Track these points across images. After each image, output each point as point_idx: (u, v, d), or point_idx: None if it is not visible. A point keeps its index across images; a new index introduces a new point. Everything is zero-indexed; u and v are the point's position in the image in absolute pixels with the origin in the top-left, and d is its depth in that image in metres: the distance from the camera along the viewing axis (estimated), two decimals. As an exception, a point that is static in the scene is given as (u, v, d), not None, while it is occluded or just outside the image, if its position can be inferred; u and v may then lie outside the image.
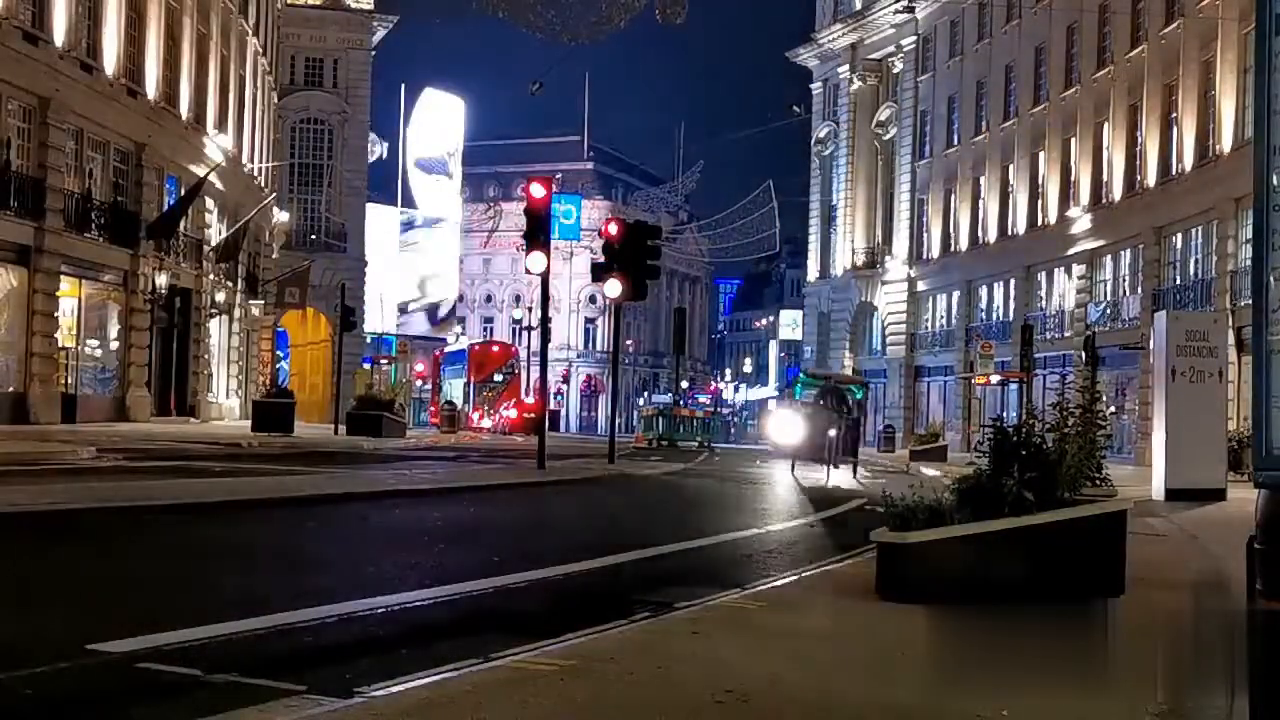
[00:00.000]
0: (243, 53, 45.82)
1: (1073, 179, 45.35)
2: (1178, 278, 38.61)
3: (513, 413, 57.61)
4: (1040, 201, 47.93)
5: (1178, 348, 16.87)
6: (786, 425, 34.31)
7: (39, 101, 29.34)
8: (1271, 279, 3.98)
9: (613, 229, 22.88)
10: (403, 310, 78.52)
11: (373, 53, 66.10)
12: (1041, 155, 47.85)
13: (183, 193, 36.91)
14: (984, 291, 53.24)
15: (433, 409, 65.86)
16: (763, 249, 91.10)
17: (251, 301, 47.35)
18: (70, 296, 31.76)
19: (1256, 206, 4.04)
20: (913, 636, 6.31)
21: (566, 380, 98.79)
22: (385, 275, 72.92)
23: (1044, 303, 48.20)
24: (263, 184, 49.32)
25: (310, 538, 10.66)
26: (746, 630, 6.21)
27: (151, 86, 35.31)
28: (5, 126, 28.42)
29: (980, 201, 53.05)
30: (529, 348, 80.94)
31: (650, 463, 27.59)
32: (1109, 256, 43.48)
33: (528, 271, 22.41)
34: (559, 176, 71.61)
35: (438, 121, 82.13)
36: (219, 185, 39.82)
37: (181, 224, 36.67)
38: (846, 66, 65.01)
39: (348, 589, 7.29)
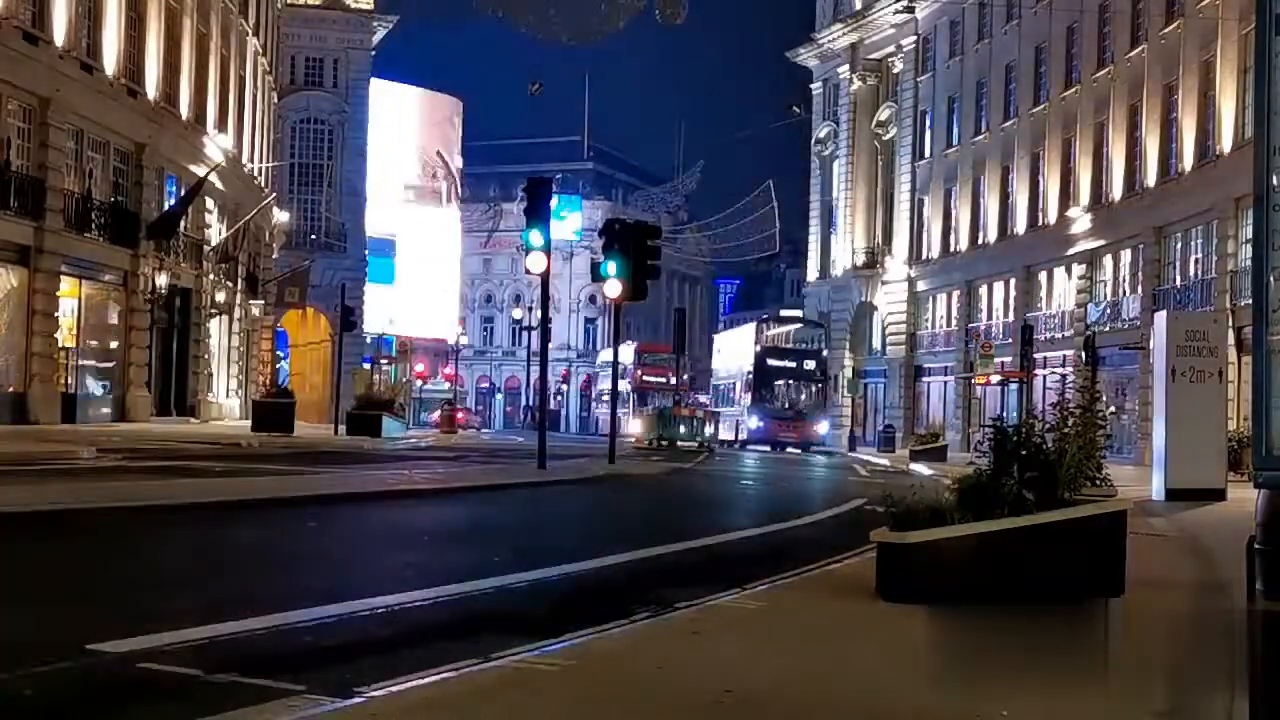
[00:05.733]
0: (243, 53, 45.82)
1: (1073, 179, 45.33)
2: (1178, 278, 38.60)
3: None
4: (1040, 201, 47.91)
5: (1178, 348, 16.86)
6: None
7: (39, 101, 29.32)
8: (1271, 279, 3.98)
9: (613, 229, 22.90)
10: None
11: (373, 53, 66.09)
12: (1041, 155, 47.83)
13: (183, 193, 36.91)
14: (984, 291, 53.23)
15: None
16: (763, 249, 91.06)
17: (251, 301, 47.34)
18: (70, 296, 31.74)
19: (1256, 206, 4.04)
20: (913, 636, 6.31)
21: (566, 380, 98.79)
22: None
23: (1044, 303, 48.17)
24: (263, 184, 49.31)
25: (311, 538, 10.66)
26: (746, 630, 6.20)
27: (151, 86, 35.31)
28: (5, 126, 28.41)
29: (980, 201, 53.04)
30: (529, 348, 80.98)
31: (650, 463, 27.58)
32: (1109, 256, 43.47)
33: (528, 271, 22.42)
34: (559, 176, 71.61)
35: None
36: (219, 185, 39.82)
37: (181, 224, 36.66)
38: (846, 66, 64.99)
39: (348, 589, 7.29)
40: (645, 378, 65.01)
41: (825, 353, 55.72)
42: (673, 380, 60.59)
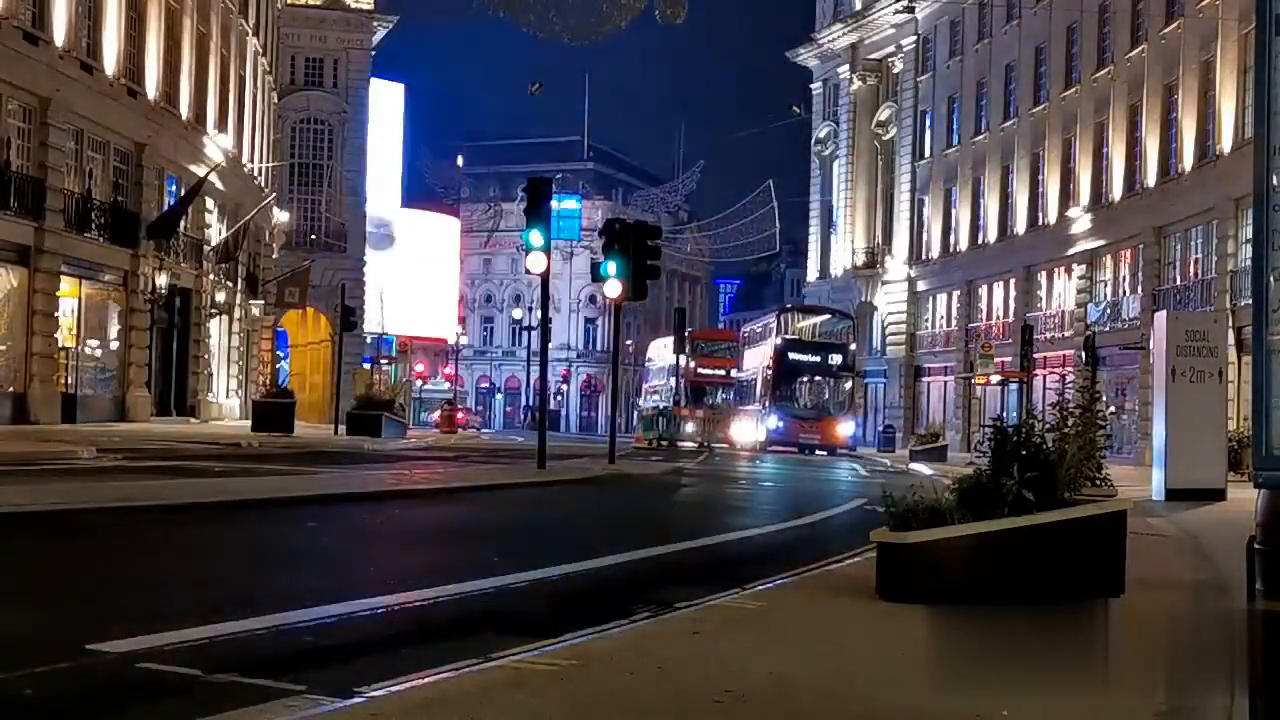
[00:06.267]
0: (243, 53, 45.83)
1: (1073, 179, 45.36)
2: (1178, 278, 38.62)
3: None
4: (1040, 201, 47.94)
5: (1178, 348, 16.86)
6: None
7: (39, 101, 29.33)
8: (1271, 279, 3.98)
9: (613, 229, 22.89)
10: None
11: (373, 53, 66.09)
12: (1041, 155, 47.86)
13: (183, 193, 36.92)
14: (984, 291, 53.25)
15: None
16: (763, 249, 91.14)
17: (251, 301, 47.34)
18: (70, 296, 31.76)
19: (1256, 206, 4.04)
20: (913, 636, 6.31)
21: (566, 380, 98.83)
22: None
23: (1044, 303, 48.20)
24: (263, 184, 49.31)
25: (310, 538, 10.66)
26: (746, 630, 6.20)
27: (151, 86, 35.31)
28: (5, 126, 28.41)
29: (980, 201, 53.06)
30: (529, 348, 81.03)
31: (650, 463, 27.59)
32: (1109, 256, 43.50)
33: (528, 271, 22.42)
34: (559, 176, 71.52)
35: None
36: (219, 185, 39.82)
37: (181, 224, 36.67)
38: (846, 66, 65.02)
39: (348, 589, 7.29)
40: (700, 370, 55.46)
41: (853, 346, 50.54)
42: (734, 373, 54.48)
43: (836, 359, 48.16)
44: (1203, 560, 10.05)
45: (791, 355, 47.77)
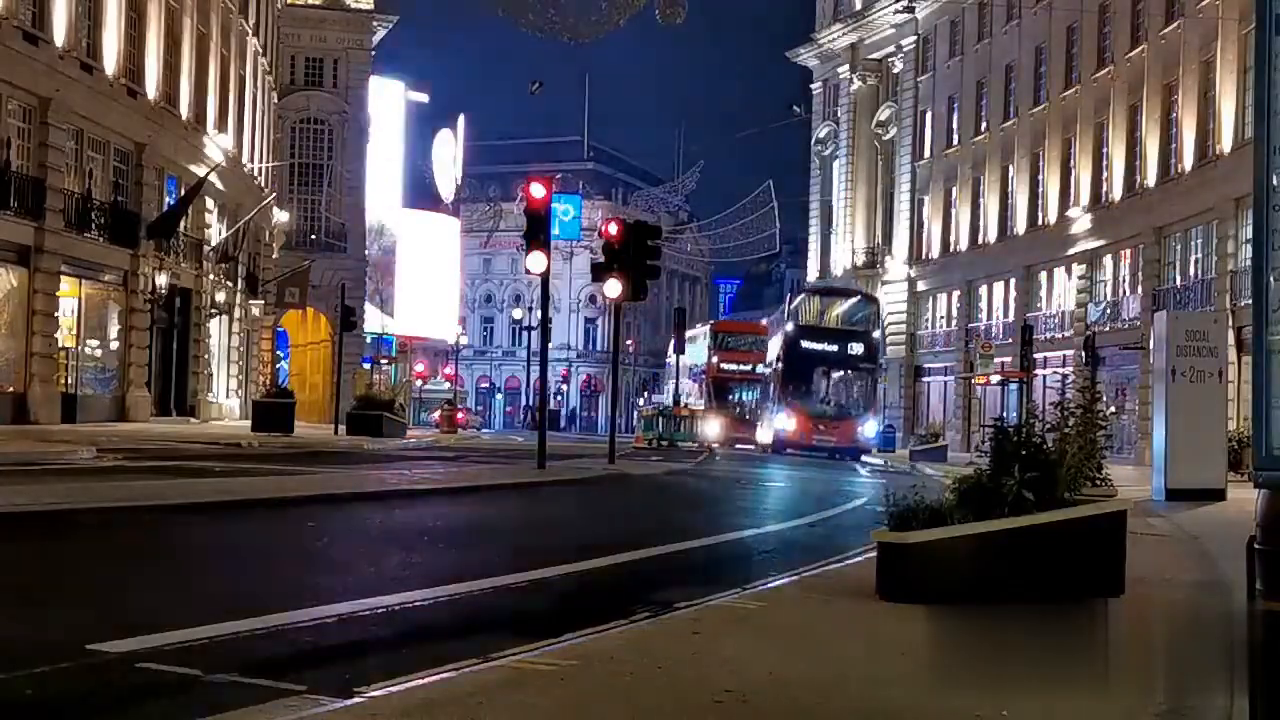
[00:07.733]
0: (243, 53, 45.81)
1: (1073, 179, 45.35)
2: (1178, 278, 38.61)
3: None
4: (1040, 201, 47.93)
5: (1178, 348, 16.86)
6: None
7: (39, 101, 29.32)
8: (1271, 279, 3.98)
9: (612, 229, 22.87)
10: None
11: (373, 53, 66.07)
12: (1041, 155, 47.85)
13: (183, 193, 36.91)
14: (984, 291, 53.24)
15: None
16: (763, 249, 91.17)
17: (251, 301, 47.33)
18: (70, 296, 31.75)
19: (1256, 206, 4.04)
20: (913, 636, 6.31)
21: (566, 380, 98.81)
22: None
23: (1044, 303, 48.19)
24: (263, 184, 49.30)
25: (310, 538, 10.66)
26: (746, 630, 6.21)
27: (151, 86, 35.31)
28: (5, 126, 28.40)
29: (980, 201, 53.05)
30: (529, 348, 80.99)
31: (650, 463, 27.58)
32: (1109, 256, 43.48)
33: (528, 271, 22.43)
34: (559, 176, 71.46)
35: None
36: (219, 185, 39.81)
37: (181, 224, 36.66)
38: (846, 66, 65.02)
39: (348, 589, 7.29)
40: (723, 365, 51.20)
41: (877, 334, 44.33)
42: (760, 368, 49.25)
43: (858, 348, 42.08)
44: (1203, 560, 10.05)
45: (805, 344, 41.55)
